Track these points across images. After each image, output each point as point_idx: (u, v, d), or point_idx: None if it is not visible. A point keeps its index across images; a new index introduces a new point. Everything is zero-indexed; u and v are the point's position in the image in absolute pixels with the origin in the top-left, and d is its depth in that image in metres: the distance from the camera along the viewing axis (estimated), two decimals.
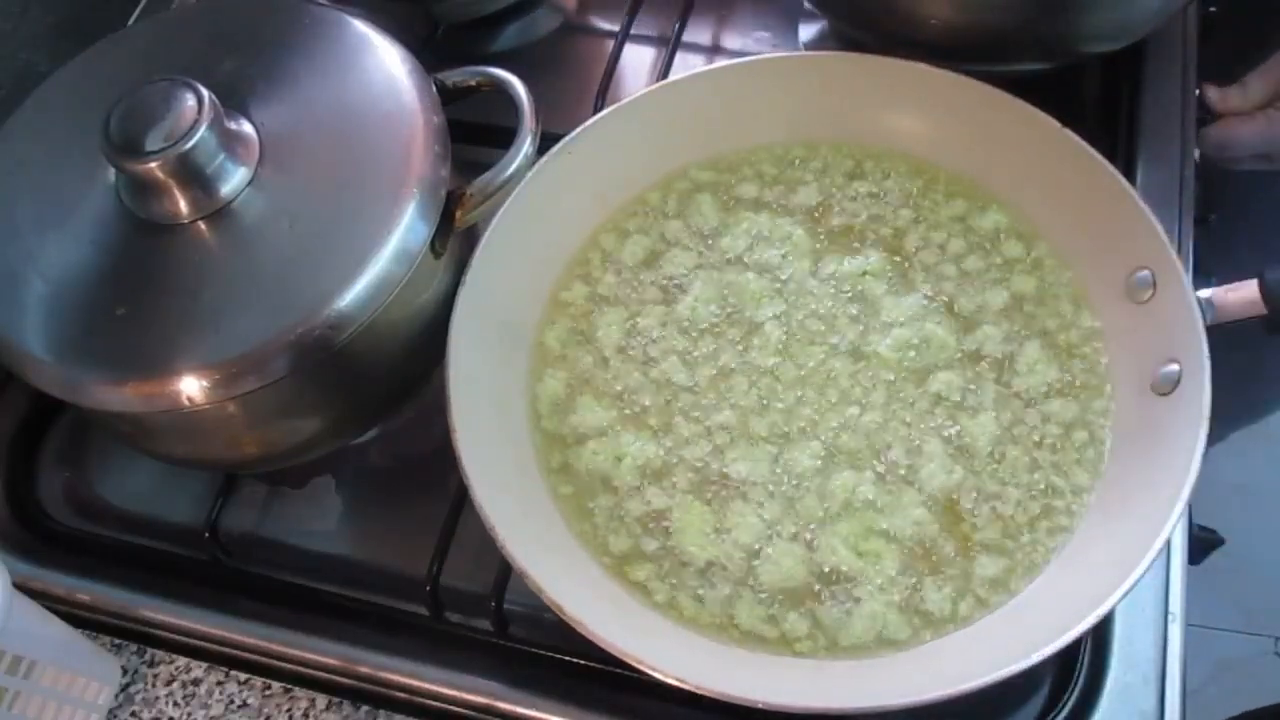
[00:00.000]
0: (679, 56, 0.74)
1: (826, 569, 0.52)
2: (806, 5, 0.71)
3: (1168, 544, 0.51)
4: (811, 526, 0.53)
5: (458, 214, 0.57)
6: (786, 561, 0.53)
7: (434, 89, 0.58)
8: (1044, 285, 0.59)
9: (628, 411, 0.57)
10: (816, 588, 0.52)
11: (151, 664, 0.58)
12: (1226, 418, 0.51)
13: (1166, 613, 0.53)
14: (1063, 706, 0.52)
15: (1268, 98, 0.65)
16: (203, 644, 0.58)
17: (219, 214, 0.54)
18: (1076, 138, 0.58)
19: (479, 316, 0.56)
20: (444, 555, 0.56)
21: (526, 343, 0.60)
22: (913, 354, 0.58)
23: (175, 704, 0.57)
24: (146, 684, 0.58)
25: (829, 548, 0.53)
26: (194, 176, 0.53)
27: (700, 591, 0.52)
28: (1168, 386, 0.53)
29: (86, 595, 0.60)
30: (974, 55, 0.63)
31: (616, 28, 0.74)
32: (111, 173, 0.55)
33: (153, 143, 0.52)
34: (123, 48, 0.62)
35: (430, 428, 0.63)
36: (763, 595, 0.52)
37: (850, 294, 0.60)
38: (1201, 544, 0.57)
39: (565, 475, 0.56)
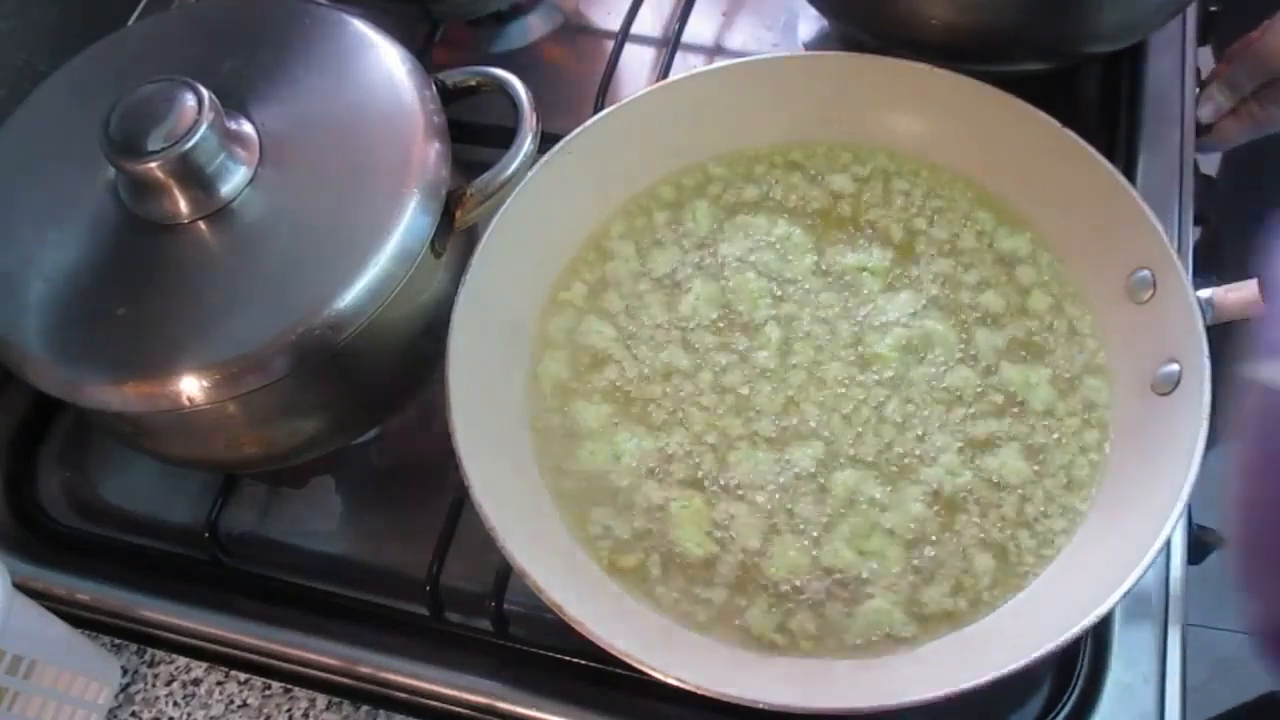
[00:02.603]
0: (679, 56, 0.74)
1: (828, 568, 0.52)
2: (807, 5, 0.71)
3: (1168, 544, 0.51)
4: (812, 525, 0.53)
5: (458, 214, 0.57)
6: (787, 560, 0.53)
7: (434, 89, 0.58)
8: (1044, 285, 0.60)
9: (627, 411, 0.57)
10: (817, 587, 0.52)
11: (151, 664, 0.58)
12: (1227, 418, 0.51)
13: (1166, 613, 0.53)
14: (1063, 706, 0.52)
15: (1255, 85, 0.66)
16: (203, 644, 0.58)
17: (219, 214, 0.54)
18: (1076, 138, 0.58)
19: (479, 316, 0.56)
20: (444, 555, 0.56)
21: (527, 342, 0.60)
22: (912, 353, 0.58)
23: (175, 704, 0.57)
24: (146, 684, 0.58)
25: (830, 548, 0.53)
26: (194, 176, 0.53)
27: (700, 591, 0.52)
28: (1168, 386, 0.53)
29: (86, 595, 0.60)
30: (974, 55, 0.63)
31: (616, 28, 0.74)
32: (111, 173, 0.55)
33: (153, 143, 0.52)
34: (123, 48, 0.62)
35: (430, 428, 0.63)
36: (763, 594, 0.52)
37: (850, 292, 0.60)
38: (1201, 544, 0.57)
39: (564, 474, 0.56)
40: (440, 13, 0.75)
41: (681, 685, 0.46)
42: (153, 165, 0.52)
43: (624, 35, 0.73)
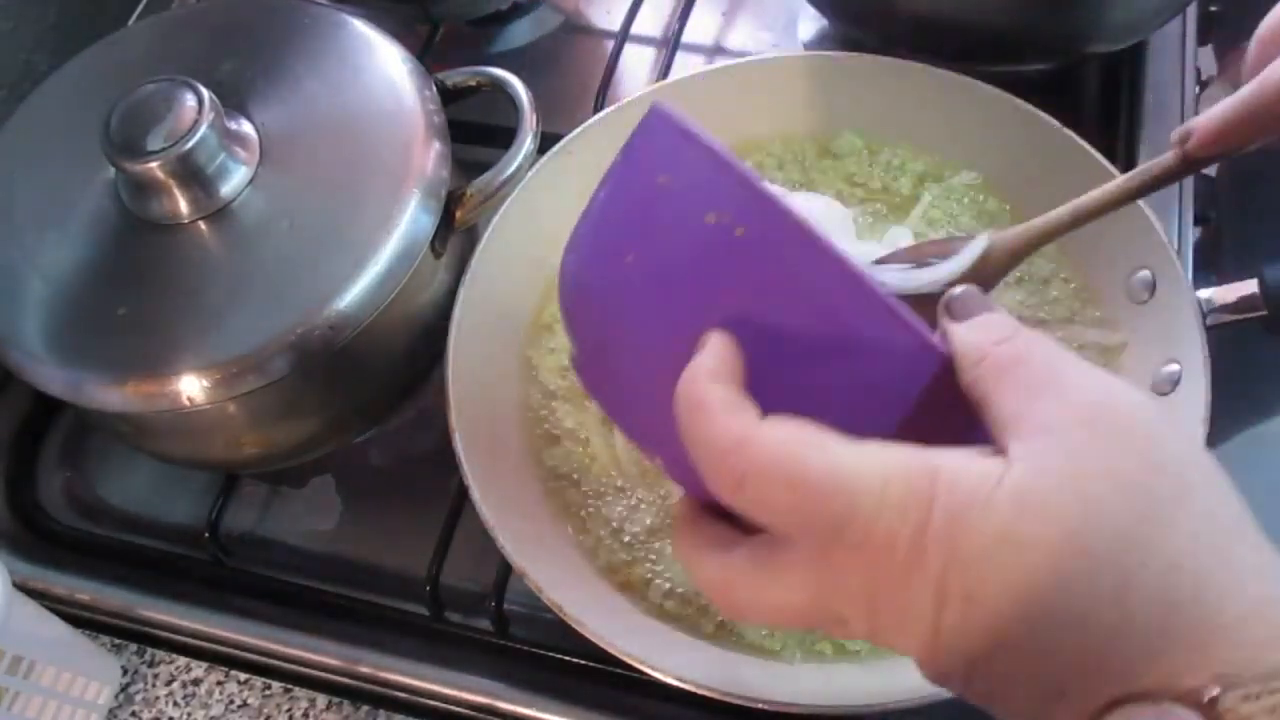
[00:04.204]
0: (679, 56, 0.74)
1: None
2: (807, 5, 0.71)
3: None
4: None
5: (458, 214, 0.57)
6: None
7: (434, 89, 0.58)
8: (1043, 284, 0.59)
9: (602, 415, 0.57)
10: None
11: (151, 664, 0.58)
12: (1226, 418, 0.50)
13: None
14: None
15: None
16: (203, 644, 0.58)
17: (219, 214, 0.54)
18: (1077, 138, 0.58)
19: (479, 316, 0.56)
20: (444, 555, 0.56)
21: (526, 342, 0.60)
22: None
23: (175, 704, 0.57)
24: (146, 684, 0.58)
25: None
26: (194, 176, 0.53)
27: (693, 596, 0.52)
28: (1168, 386, 0.53)
29: (86, 595, 0.60)
30: (974, 55, 0.63)
31: (616, 28, 0.74)
32: (111, 172, 0.55)
33: (153, 143, 0.52)
34: (123, 48, 0.62)
35: (430, 428, 0.63)
36: None
37: None
38: None
39: (555, 476, 0.56)
40: (440, 13, 0.75)
41: (681, 685, 0.46)
42: (153, 165, 0.52)
43: (624, 35, 0.73)
